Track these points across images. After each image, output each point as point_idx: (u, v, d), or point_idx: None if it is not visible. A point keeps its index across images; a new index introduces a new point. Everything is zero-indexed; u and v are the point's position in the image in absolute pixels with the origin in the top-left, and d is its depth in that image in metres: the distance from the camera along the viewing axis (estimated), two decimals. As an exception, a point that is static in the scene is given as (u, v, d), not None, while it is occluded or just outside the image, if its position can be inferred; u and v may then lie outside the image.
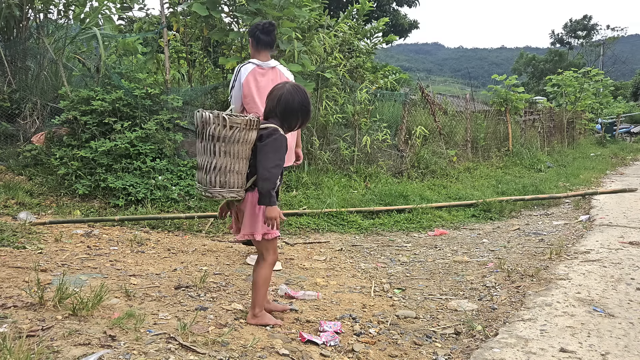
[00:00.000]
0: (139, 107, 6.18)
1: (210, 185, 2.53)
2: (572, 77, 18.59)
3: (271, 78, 3.98)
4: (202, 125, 2.49)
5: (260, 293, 2.70)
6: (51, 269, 3.39)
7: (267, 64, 4.03)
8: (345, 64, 8.67)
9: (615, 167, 13.74)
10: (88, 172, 5.72)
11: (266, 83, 3.92)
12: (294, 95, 2.63)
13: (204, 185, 2.55)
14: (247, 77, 3.96)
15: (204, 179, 2.54)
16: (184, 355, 2.15)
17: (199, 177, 2.57)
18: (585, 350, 2.46)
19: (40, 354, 1.97)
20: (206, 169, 2.52)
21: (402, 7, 26.05)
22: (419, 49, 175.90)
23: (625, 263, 4.00)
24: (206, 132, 2.48)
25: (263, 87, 3.91)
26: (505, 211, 7.08)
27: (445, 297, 3.53)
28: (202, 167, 2.54)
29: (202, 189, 2.56)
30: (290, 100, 2.62)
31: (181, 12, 7.28)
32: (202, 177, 2.55)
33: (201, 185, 2.56)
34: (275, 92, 2.66)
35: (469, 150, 11.29)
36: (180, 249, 4.51)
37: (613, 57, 54.01)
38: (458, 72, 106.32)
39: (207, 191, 2.54)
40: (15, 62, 6.77)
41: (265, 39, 4.01)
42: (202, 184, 2.55)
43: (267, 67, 4.03)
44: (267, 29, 3.99)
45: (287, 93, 2.63)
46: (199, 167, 2.57)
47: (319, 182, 7.10)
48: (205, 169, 2.53)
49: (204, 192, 2.56)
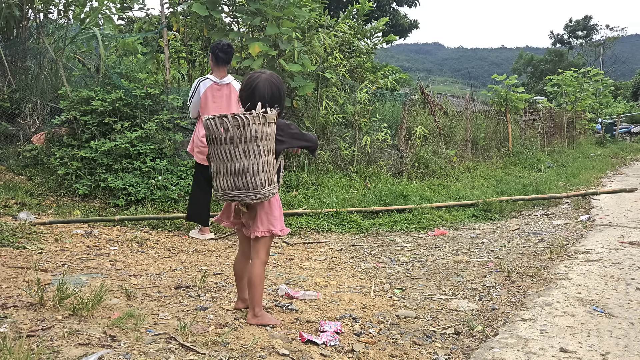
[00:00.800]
0: (139, 107, 6.18)
1: (260, 186, 2.49)
2: (572, 77, 18.60)
3: (225, 93, 4.80)
4: (238, 129, 2.42)
5: (258, 292, 2.70)
6: (51, 269, 3.39)
7: (223, 80, 4.80)
8: (345, 64, 8.67)
9: (615, 167, 13.74)
10: (88, 172, 5.72)
11: (220, 97, 4.78)
12: (279, 84, 2.65)
13: (252, 189, 2.48)
14: (206, 91, 4.73)
15: (252, 183, 2.47)
16: (184, 355, 2.15)
17: (244, 182, 2.48)
18: (585, 350, 2.46)
19: (40, 354, 1.97)
20: (252, 172, 2.46)
21: (402, 7, 26.07)
22: (419, 49, 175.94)
23: (625, 263, 4.00)
24: (246, 134, 2.42)
25: (218, 100, 4.76)
26: (505, 211, 7.08)
27: (445, 297, 3.53)
28: (244, 172, 2.46)
29: (253, 192, 2.48)
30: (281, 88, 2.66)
31: (181, 12, 7.28)
32: (248, 180, 2.47)
33: (247, 190, 2.48)
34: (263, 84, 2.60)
35: (469, 150, 11.29)
36: (180, 249, 4.51)
37: (613, 57, 54.00)
38: (458, 72, 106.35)
39: (257, 194, 2.49)
40: (15, 62, 6.77)
41: (224, 57, 4.76)
42: (250, 188, 2.48)
43: (223, 83, 4.80)
44: (225, 50, 4.74)
45: (278, 83, 2.65)
46: (239, 173, 2.47)
47: (319, 182, 7.10)
48: (251, 171, 2.46)
49: (253, 196, 2.49)
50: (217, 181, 2.57)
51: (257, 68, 6.24)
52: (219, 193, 2.58)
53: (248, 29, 7.03)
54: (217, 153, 2.51)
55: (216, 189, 2.59)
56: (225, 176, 2.53)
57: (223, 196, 2.57)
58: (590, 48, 53.76)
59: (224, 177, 2.53)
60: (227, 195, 2.55)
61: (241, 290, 2.85)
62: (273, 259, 4.42)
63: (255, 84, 2.59)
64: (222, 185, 2.55)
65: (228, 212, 2.78)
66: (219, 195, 2.58)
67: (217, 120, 2.47)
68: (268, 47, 6.25)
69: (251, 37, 6.63)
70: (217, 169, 2.55)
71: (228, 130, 2.45)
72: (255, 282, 2.68)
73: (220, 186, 2.56)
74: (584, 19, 54.82)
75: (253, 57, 6.16)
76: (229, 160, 2.49)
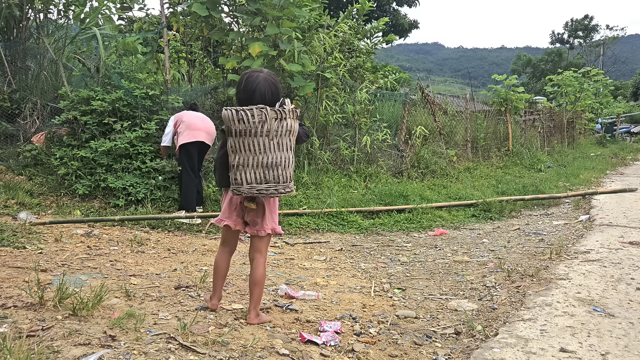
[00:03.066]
0: (139, 107, 6.18)
1: (289, 180, 2.52)
2: (572, 77, 18.57)
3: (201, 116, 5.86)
4: (276, 121, 2.43)
5: (261, 291, 2.70)
6: (51, 269, 3.39)
7: None
8: (345, 64, 8.67)
9: (615, 167, 13.74)
10: (88, 172, 5.72)
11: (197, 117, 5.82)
12: (276, 83, 2.64)
13: (282, 183, 2.51)
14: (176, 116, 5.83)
15: (283, 176, 2.50)
16: (184, 355, 2.15)
17: (274, 175, 2.49)
18: (585, 350, 2.46)
19: (40, 354, 1.97)
20: (284, 165, 2.49)
21: (402, 7, 26.05)
22: (419, 48, 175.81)
23: (625, 263, 4.00)
24: (283, 127, 2.44)
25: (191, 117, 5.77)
26: (505, 211, 7.08)
27: (445, 297, 3.53)
28: (277, 165, 2.48)
29: (282, 186, 2.51)
30: (278, 87, 2.65)
31: (181, 12, 7.29)
32: (280, 174, 2.49)
33: (277, 184, 2.50)
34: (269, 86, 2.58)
35: (469, 150, 11.29)
36: (180, 249, 4.51)
37: (613, 57, 53.96)
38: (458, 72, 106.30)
39: (286, 188, 2.52)
40: (15, 62, 6.78)
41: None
42: (281, 181, 2.50)
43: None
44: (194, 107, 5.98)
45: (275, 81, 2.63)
46: (272, 166, 2.47)
47: (319, 182, 7.10)
48: (283, 165, 2.49)
49: (283, 190, 2.52)
50: (240, 174, 2.47)
51: (257, 68, 6.23)
52: (242, 187, 2.48)
53: (248, 29, 7.03)
54: (246, 145, 2.44)
55: (239, 182, 2.48)
56: (254, 169, 2.47)
57: (248, 189, 2.48)
58: (590, 48, 53.74)
59: (252, 170, 2.46)
60: (254, 188, 2.48)
61: (220, 288, 2.80)
62: (273, 259, 4.42)
63: (255, 85, 2.55)
64: (249, 179, 2.47)
65: (229, 211, 2.71)
66: (243, 189, 2.48)
67: (254, 111, 2.40)
68: (268, 47, 6.25)
69: (251, 37, 6.63)
70: (245, 162, 2.46)
71: (264, 122, 2.41)
72: (262, 281, 2.67)
73: (245, 179, 2.47)
74: (584, 19, 54.76)
75: (253, 57, 6.16)
76: (261, 152, 2.45)
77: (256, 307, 2.69)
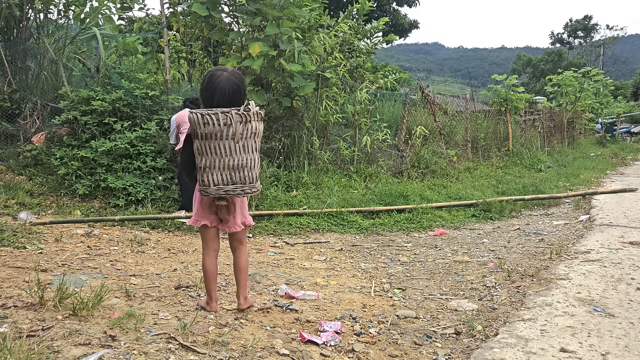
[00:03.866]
0: (139, 107, 6.18)
1: (255, 180, 2.60)
2: (572, 77, 18.57)
3: None
4: (241, 124, 2.47)
5: (247, 276, 2.85)
6: (51, 269, 3.39)
7: None
8: (345, 64, 8.67)
9: (615, 167, 13.73)
10: (88, 172, 5.72)
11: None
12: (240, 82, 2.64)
13: (249, 183, 2.58)
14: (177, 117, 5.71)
15: (249, 177, 2.57)
16: (184, 355, 2.15)
17: (241, 177, 2.55)
18: (586, 350, 2.46)
19: (40, 354, 1.97)
20: (250, 167, 2.57)
21: (402, 7, 26.07)
22: (419, 49, 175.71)
23: (625, 263, 4.00)
24: (248, 130, 2.50)
25: None
26: (506, 211, 7.08)
27: (445, 297, 3.53)
28: (243, 166, 2.54)
29: (248, 186, 2.58)
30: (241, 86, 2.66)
31: (181, 12, 7.29)
32: (247, 174, 2.56)
33: (244, 185, 2.57)
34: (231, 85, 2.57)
35: (469, 150, 11.28)
36: (180, 249, 4.51)
37: (613, 57, 53.95)
38: (458, 72, 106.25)
39: (253, 188, 2.60)
40: (15, 62, 6.78)
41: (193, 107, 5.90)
42: (247, 182, 2.57)
43: None
44: (195, 102, 5.69)
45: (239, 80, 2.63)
46: (237, 167, 2.53)
47: (319, 182, 7.09)
48: (249, 166, 2.56)
49: (249, 190, 2.59)
50: (207, 176, 2.54)
51: (257, 68, 6.23)
52: (210, 188, 2.55)
53: (248, 29, 7.03)
54: (212, 148, 2.49)
55: (206, 184, 2.55)
56: (220, 171, 2.53)
57: (216, 191, 2.55)
58: (590, 48, 53.74)
59: (219, 172, 2.53)
60: (221, 189, 2.55)
61: (214, 290, 2.81)
62: (273, 259, 4.42)
63: (216, 84, 2.56)
64: (216, 180, 2.54)
65: (203, 211, 2.74)
66: (210, 190, 2.55)
67: (219, 115, 2.44)
68: (268, 47, 6.24)
69: (251, 37, 6.63)
70: (211, 164, 2.52)
71: (229, 125, 2.45)
72: (246, 267, 2.83)
73: (212, 181, 2.54)
74: (584, 19, 54.77)
75: (253, 57, 6.16)
76: (227, 155, 2.51)
77: (244, 292, 2.81)
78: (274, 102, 6.90)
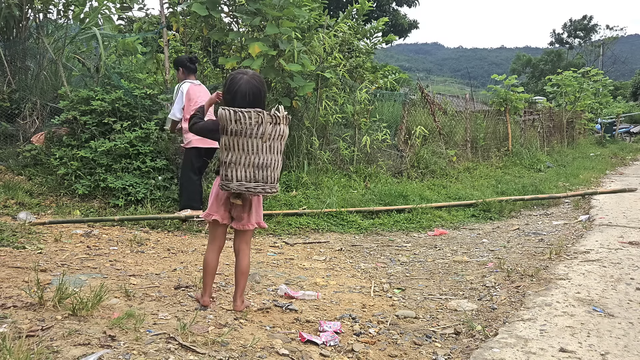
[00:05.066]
0: (139, 107, 6.18)
1: (276, 181, 2.67)
2: (572, 77, 18.57)
3: (203, 90, 5.57)
4: (271, 125, 2.56)
5: (246, 279, 2.86)
6: (51, 269, 3.39)
7: (196, 82, 5.60)
8: (345, 64, 8.67)
9: (614, 167, 13.74)
10: (88, 172, 5.72)
11: (200, 91, 5.50)
12: (260, 85, 2.70)
13: (270, 183, 2.65)
14: (188, 89, 5.41)
15: (271, 177, 2.64)
16: (184, 355, 2.15)
17: (264, 175, 2.62)
18: (585, 350, 2.47)
19: (40, 354, 1.97)
20: (273, 167, 2.64)
21: (401, 7, 26.09)
22: (419, 49, 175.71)
23: (624, 263, 4.00)
24: (276, 132, 2.58)
25: (204, 95, 5.42)
26: (505, 211, 7.08)
27: (445, 297, 3.53)
28: (267, 166, 2.62)
29: (269, 186, 2.65)
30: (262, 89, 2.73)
31: (181, 12, 7.28)
32: (269, 174, 2.63)
33: (265, 184, 2.64)
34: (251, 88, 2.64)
35: (468, 150, 11.29)
36: (180, 249, 4.51)
37: (612, 57, 53.96)
38: (458, 72, 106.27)
39: (273, 188, 2.67)
40: (15, 62, 6.77)
41: (193, 67, 5.66)
42: (269, 182, 2.64)
43: (198, 83, 5.60)
44: (194, 60, 5.67)
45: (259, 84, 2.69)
46: (262, 166, 2.61)
47: (319, 182, 7.09)
48: (272, 167, 2.63)
49: (269, 189, 2.66)
50: (231, 171, 2.60)
51: (257, 68, 6.23)
52: (232, 183, 2.61)
53: (248, 29, 7.02)
54: (240, 145, 2.56)
55: (230, 178, 2.60)
56: (245, 168, 2.59)
57: (237, 186, 2.61)
58: (590, 48, 53.75)
59: (244, 168, 2.59)
60: (242, 186, 2.61)
61: (210, 285, 2.85)
62: (273, 259, 4.42)
63: (237, 86, 2.63)
64: (239, 176, 2.60)
65: (217, 206, 2.78)
66: (232, 185, 2.61)
67: (251, 114, 2.51)
68: (268, 47, 6.24)
69: (251, 37, 6.62)
70: (237, 160, 2.58)
71: (260, 124, 2.52)
72: (247, 270, 2.83)
73: (235, 176, 2.60)
74: (583, 19, 54.80)
75: (253, 57, 6.16)
76: (253, 153, 2.57)
77: (242, 295, 2.84)
78: (274, 102, 6.90)
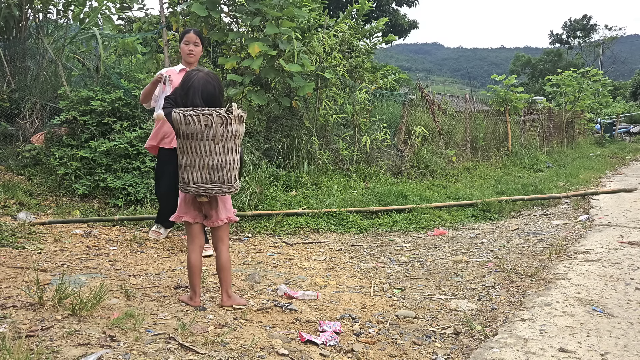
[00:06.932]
0: (139, 107, 6.18)
1: (234, 180, 2.66)
2: (571, 77, 18.57)
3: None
4: (221, 126, 2.53)
5: (230, 274, 2.87)
6: (50, 269, 3.39)
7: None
8: (345, 64, 8.66)
9: (614, 167, 13.74)
10: (87, 172, 5.72)
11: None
12: (215, 83, 2.72)
13: (227, 183, 2.64)
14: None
15: (227, 177, 2.63)
16: (184, 355, 2.15)
17: (219, 176, 2.62)
18: (585, 350, 2.47)
19: (39, 354, 1.97)
20: (229, 167, 2.62)
21: (401, 7, 26.09)
22: (419, 49, 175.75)
23: (624, 263, 4.00)
24: (228, 132, 2.55)
25: None
26: (505, 211, 7.08)
27: (444, 297, 3.53)
28: (222, 167, 2.60)
29: (227, 186, 2.64)
30: (217, 87, 2.74)
31: (181, 12, 7.27)
32: (224, 175, 2.62)
33: (222, 184, 2.63)
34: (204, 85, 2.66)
35: (468, 150, 11.29)
36: (179, 249, 4.51)
37: (612, 57, 53.96)
38: (457, 72, 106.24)
39: (231, 188, 2.66)
40: (14, 62, 6.77)
41: None
42: (226, 182, 2.63)
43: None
44: None
45: (214, 81, 2.71)
46: (217, 167, 2.60)
47: (319, 182, 7.09)
48: (227, 167, 2.61)
49: (227, 190, 2.65)
50: (187, 174, 2.62)
51: (256, 68, 6.24)
52: (189, 186, 2.63)
53: (247, 29, 7.02)
54: (193, 147, 2.56)
55: (186, 182, 2.63)
56: (200, 170, 2.60)
57: (195, 189, 2.63)
58: (589, 48, 53.75)
59: (199, 170, 2.60)
60: (200, 188, 2.62)
61: (198, 285, 2.86)
62: (272, 259, 4.42)
63: (190, 83, 2.66)
64: (195, 179, 2.62)
65: (185, 207, 2.82)
66: (190, 188, 2.63)
67: (200, 116, 2.50)
68: (268, 47, 6.24)
69: (251, 37, 6.62)
70: (192, 163, 2.59)
71: (210, 126, 2.51)
72: (228, 266, 2.84)
73: (192, 179, 2.62)
74: (583, 19, 54.79)
75: (253, 57, 6.16)
76: (207, 155, 2.57)
77: (227, 289, 2.84)
78: (274, 102, 6.90)
